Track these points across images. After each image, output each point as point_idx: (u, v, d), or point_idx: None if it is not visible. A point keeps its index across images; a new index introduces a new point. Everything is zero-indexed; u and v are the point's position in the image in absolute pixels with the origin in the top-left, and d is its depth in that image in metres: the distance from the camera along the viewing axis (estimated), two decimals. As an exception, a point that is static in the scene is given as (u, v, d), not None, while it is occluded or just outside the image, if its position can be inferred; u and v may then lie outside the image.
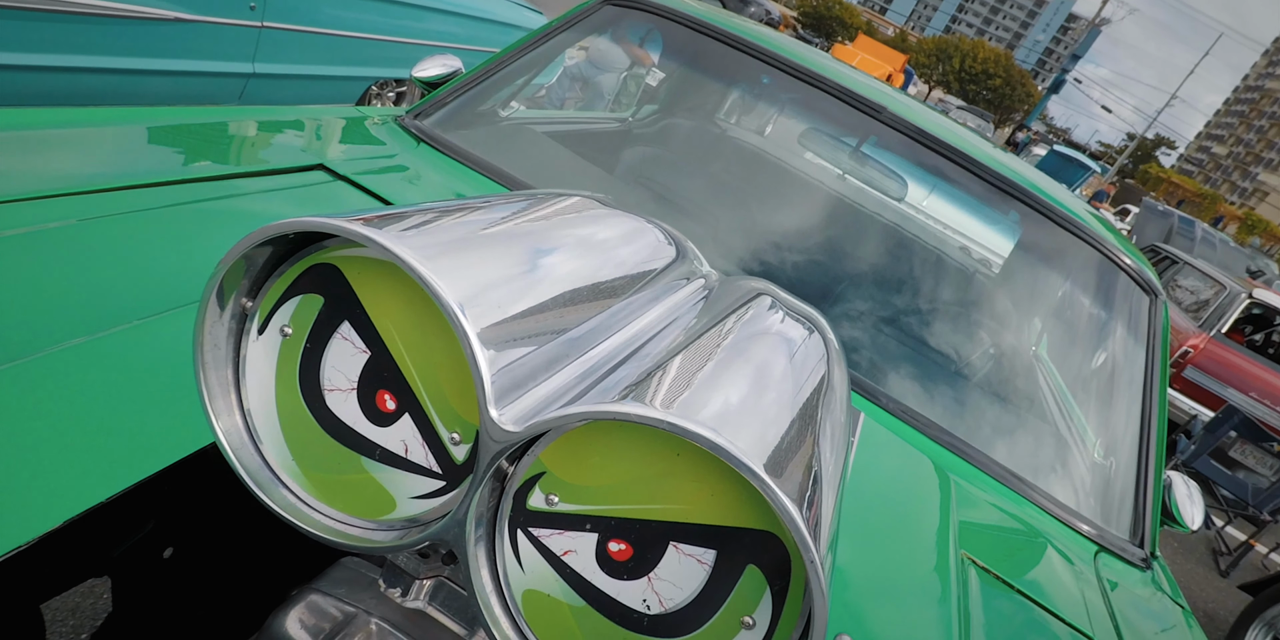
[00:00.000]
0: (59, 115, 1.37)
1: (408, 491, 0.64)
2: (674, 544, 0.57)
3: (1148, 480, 1.69)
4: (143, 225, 1.16)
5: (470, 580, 0.61)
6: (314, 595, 0.76)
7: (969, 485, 1.49)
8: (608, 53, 3.20)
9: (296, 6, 3.55)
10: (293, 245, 0.62)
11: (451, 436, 0.62)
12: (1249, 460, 5.55)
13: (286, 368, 0.64)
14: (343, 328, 0.62)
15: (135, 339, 0.92)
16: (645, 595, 0.58)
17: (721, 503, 0.56)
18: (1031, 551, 1.46)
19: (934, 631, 1.07)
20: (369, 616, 0.75)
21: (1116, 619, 1.36)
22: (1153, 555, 1.64)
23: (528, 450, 0.59)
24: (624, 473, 0.57)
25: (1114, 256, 1.93)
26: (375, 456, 0.64)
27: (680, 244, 0.89)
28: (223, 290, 0.61)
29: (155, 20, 3.04)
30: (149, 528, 0.99)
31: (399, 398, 0.62)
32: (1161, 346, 1.89)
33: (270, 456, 0.66)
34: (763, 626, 0.57)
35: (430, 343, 0.60)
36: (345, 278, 0.61)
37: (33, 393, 0.79)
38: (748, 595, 0.56)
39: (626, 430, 0.57)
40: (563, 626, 0.61)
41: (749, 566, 0.56)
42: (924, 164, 2.07)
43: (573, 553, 0.59)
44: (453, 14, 4.47)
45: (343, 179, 1.53)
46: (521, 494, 0.60)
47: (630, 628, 0.59)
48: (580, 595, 0.60)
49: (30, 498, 0.69)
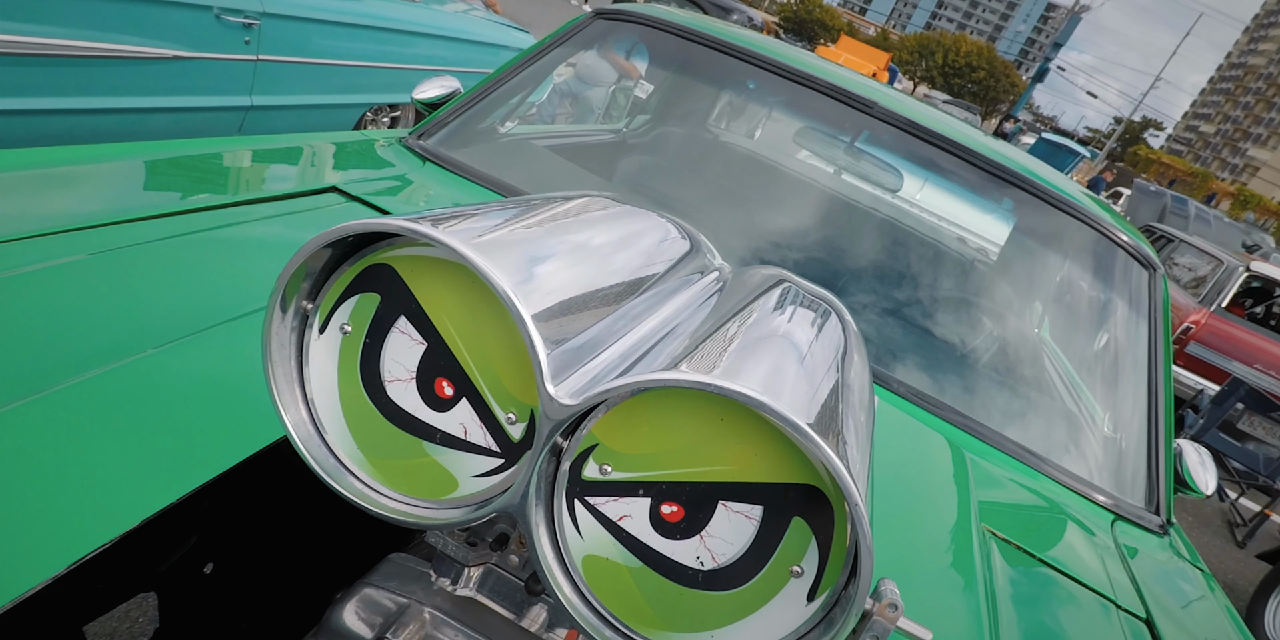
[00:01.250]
0: (68, 153, 1.40)
1: (469, 471, 0.68)
2: (723, 503, 0.61)
3: (1158, 449, 1.71)
4: (166, 253, 1.19)
5: (532, 549, 0.64)
6: (367, 589, 0.79)
7: (984, 462, 1.51)
8: (595, 68, 3.22)
9: (290, 39, 3.59)
10: (349, 249, 0.66)
11: (508, 416, 0.66)
12: (1258, 431, 5.55)
13: (348, 363, 0.68)
14: (400, 322, 0.66)
15: (172, 360, 0.95)
16: (699, 552, 0.62)
17: (765, 461, 0.59)
18: (1050, 523, 1.48)
19: (962, 602, 1.09)
20: (421, 606, 0.78)
21: (1138, 583, 1.37)
22: (1169, 522, 1.66)
23: (580, 424, 0.62)
24: (672, 440, 0.61)
25: (1111, 234, 1.96)
26: (436, 440, 0.68)
27: (693, 237, 0.92)
28: (285, 295, 0.66)
29: (154, 59, 3.09)
30: (192, 542, 1.01)
31: (456, 384, 0.66)
32: (1163, 319, 1.91)
33: (336, 447, 0.70)
34: (810, 574, 0.60)
35: (483, 331, 0.64)
36: (400, 276, 0.65)
37: (74, 417, 0.81)
38: (795, 545, 0.60)
39: (673, 399, 0.60)
40: (622, 587, 0.64)
41: (795, 518, 0.60)
42: (918, 155, 2.10)
43: (628, 517, 0.63)
44: (442, 38, 4.51)
45: (355, 200, 1.56)
46: (576, 466, 0.63)
47: (686, 584, 0.62)
48: (637, 557, 0.63)
49: (79, 516, 0.71)
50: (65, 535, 0.69)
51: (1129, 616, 1.27)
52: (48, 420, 0.80)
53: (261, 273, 1.24)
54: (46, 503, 0.71)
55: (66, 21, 2.77)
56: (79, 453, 0.78)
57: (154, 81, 3.16)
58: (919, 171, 2.35)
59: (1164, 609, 1.35)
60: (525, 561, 0.81)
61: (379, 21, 4.04)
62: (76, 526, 0.70)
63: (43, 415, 0.80)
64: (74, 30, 2.80)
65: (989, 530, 1.29)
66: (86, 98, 2.97)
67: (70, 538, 0.69)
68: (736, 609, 0.62)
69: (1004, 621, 1.09)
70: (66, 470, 0.75)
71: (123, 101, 3.09)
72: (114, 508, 0.73)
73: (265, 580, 1.17)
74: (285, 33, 3.56)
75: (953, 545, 1.22)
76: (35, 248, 1.06)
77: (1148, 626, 1.28)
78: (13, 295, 0.97)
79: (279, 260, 1.29)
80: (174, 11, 3.09)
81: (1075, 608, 1.24)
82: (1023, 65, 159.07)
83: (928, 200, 3.00)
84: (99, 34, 2.88)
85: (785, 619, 0.61)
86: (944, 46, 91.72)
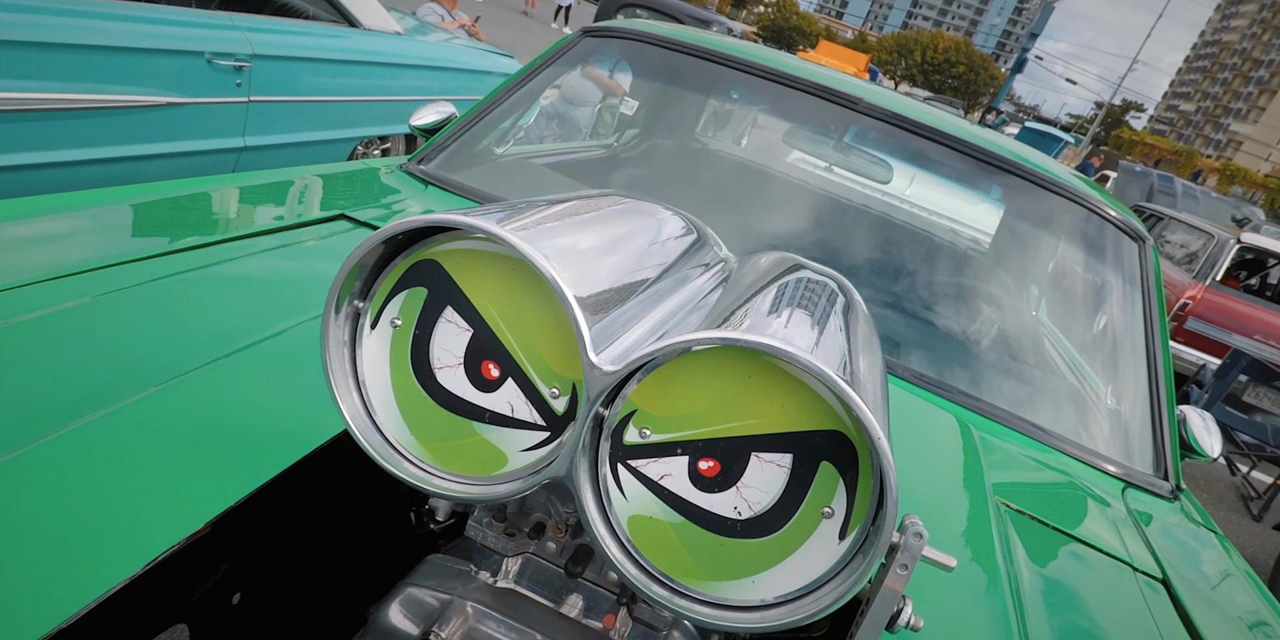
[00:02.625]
0: (77, 198, 1.41)
1: (517, 446, 0.72)
2: (755, 454, 0.65)
3: (1162, 416, 1.74)
4: (186, 286, 1.21)
5: (581, 513, 0.68)
6: (410, 589, 0.83)
7: (994, 439, 1.53)
8: (580, 88, 3.25)
9: (280, 79, 3.62)
10: (396, 248, 0.71)
11: (551, 391, 0.70)
12: (1264, 403, 5.52)
13: (399, 354, 0.73)
14: (446, 312, 0.71)
15: (201, 385, 0.97)
16: (735, 503, 0.66)
17: (791, 412, 0.63)
18: (1062, 493, 1.50)
19: (983, 570, 1.11)
20: (464, 601, 0.81)
21: (1152, 546, 1.40)
22: (1179, 488, 1.68)
23: (619, 393, 0.66)
24: (704, 399, 0.65)
25: (1100, 210, 1.99)
26: (485, 419, 0.72)
27: (700, 227, 0.96)
28: (339, 295, 0.70)
29: (149, 107, 3.12)
30: (222, 570, 1.02)
31: (501, 365, 0.70)
32: (1157, 290, 1.94)
33: (391, 434, 0.74)
34: (841, 513, 0.64)
35: (525, 315, 0.69)
36: (445, 269, 0.70)
37: (102, 449, 0.83)
38: (824, 488, 0.64)
39: (703, 362, 0.65)
40: (666, 543, 0.68)
41: (822, 463, 0.64)
42: (907, 147, 2.14)
43: (668, 476, 0.67)
44: (428, 68, 4.54)
45: (364, 225, 1.59)
46: (618, 432, 0.68)
47: (726, 534, 0.66)
48: (679, 512, 0.67)
49: (109, 547, 0.73)
50: (98, 566, 0.70)
51: (1146, 578, 1.29)
52: (74, 455, 0.81)
53: (283, 298, 1.26)
54: (76, 536, 0.72)
55: (62, 75, 2.79)
56: (109, 484, 0.79)
57: (149, 129, 3.18)
58: (909, 163, 2.38)
59: (1179, 569, 1.37)
60: (562, 547, 0.85)
61: (365, 56, 4.07)
62: (108, 557, 0.71)
63: (69, 449, 0.82)
64: (69, 84, 2.82)
65: (1003, 503, 1.32)
66: (84, 149, 2.99)
67: (103, 568, 0.70)
68: (774, 553, 0.66)
69: (1025, 588, 1.11)
70: (93, 504, 0.77)
71: (119, 150, 3.11)
72: (142, 537, 0.74)
73: (292, 608, 1.18)
74: (275, 73, 3.59)
75: (970, 518, 1.24)
76: (58, 288, 1.09)
77: (1165, 586, 1.30)
78: (41, 333, 1.00)
79: (300, 286, 1.32)
80: (167, 59, 3.12)
81: (1093, 572, 1.26)
82: (1001, 57, 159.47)
83: (920, 190, 3.04)
84: (94, 86, 2.91)
85: (820, 558, 0.65)
86: (922, 44, 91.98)
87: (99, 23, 2.89)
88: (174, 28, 3.15)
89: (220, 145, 3.50)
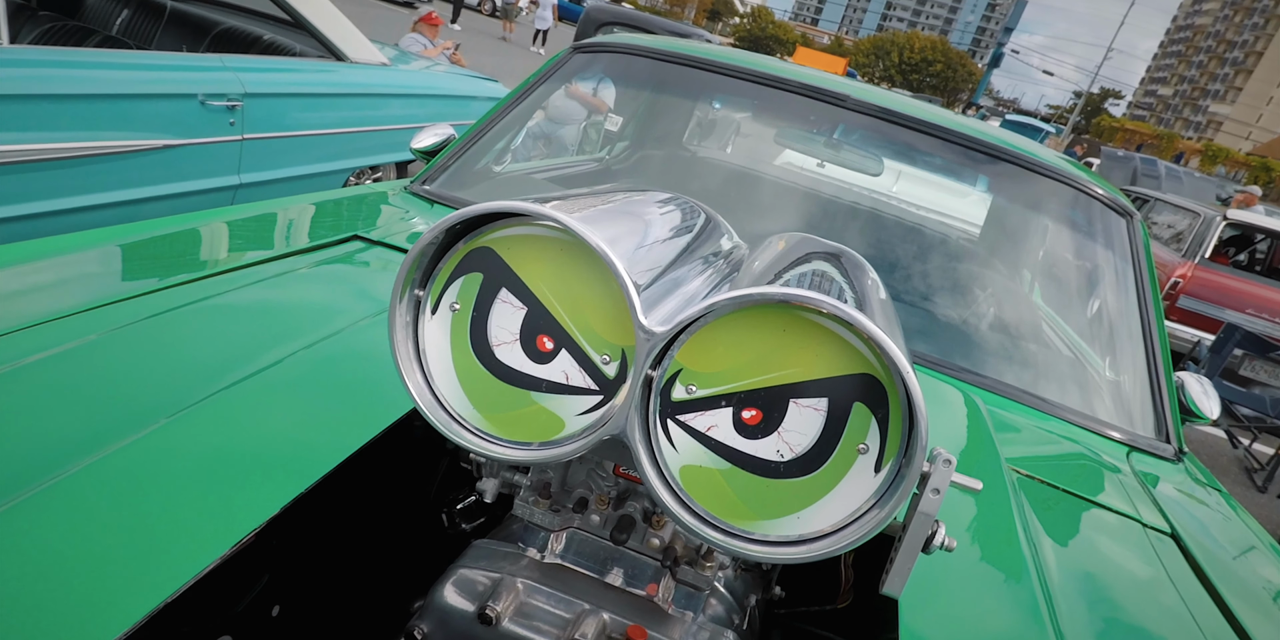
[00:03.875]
0: (84, 238, 1.43)
1: (573, 410, 0.77)
2: (793, 400, 0.70)
3: (1160, 383, 1.79)
4: (211, 311, 1.24)
5: (638, 467, 0.73)
6: (462, 571, 0.88)
7: (1001, 412, 1.58)
8: (565, 108, 3.30)
9: (272, 115, 3.67)
10: (451, 240, 0.76)
11: (602, 358, 0.76)
12: (1260, 375, 5.55)
13: (459, 335, 0.79)
14: (501, 294, 0.77)
15: (230, 405, 1.00)
16: (778, 446, 0.71)
17: (824, 360, 0.69)
18: (1070, 459, 1.55)
19: (1003, 533, 1.16)
20: (514, 578, 0.87)
21: (1159, 504, 1.45)
22: (1181, 451, 1.73)
23: (665, 355, 0.71)
24: (744, 354, 0.71)
25: (1086, 189, 2.05)
26: (542, 388, 0.77)
27: (713, 214, 1.03)
28: (402, 286, 0.76)
29: (145, 151, 3.16)
30: (264, 581, 1.05)
31: (555, 338, 0.76)
32: (1147, 262, 2.00)
33: (454, 409, 0.79)
34: (875, 449, 0.70)
35: (574, 290, 0.75)
36: (499, 254, 0.76)
37: (142, 471, 0.86)
38: (859, 427, 0.70)
39: (740, 321, 0.70)
40: (716, 489, 0.73)
41: (855, 404, 0.69)
42: (896, 139, 2.19)
43: (714, 427, 0.72)
44: (416, 96, 4.58)
45: (378, 244, 1.62)
46: (666, 391, 0.73)
47: (771, 475, 0.72)
48: (726, 459, 0.73)
49: (156, 562, 0.75)
50: (146, 581, 0.73)
51: (1155, 532, 1.34)
52: (115, 477, 0.84)
53: (309, 314, 1.29)
54: (120, 555, 0.75)
55: (59, 125, 2.84)
56: (149, 504, 0.82)
57: (146, 172, 3.22)
58: (900, 154, 2.43)
59: (1187, 524, 1.41)
60: (605, 519, 0.91)
61: (354, 88, 4.12)
62: (155, 573, 0.74)
63: (107, 473, 0.84)
64: (67, 133, 2.86)
65: (1015, 470, 1.37)
66: (83, 196, 3.02)
67: (151, 583, 0.73)
68: (816, 490, 0.71)
69: (1042, 546, 1.16)
70: (134, 524, 0.79)
71: (119, 195, 3.14)
72: (184, 552, 0.77)
73: (329, 617, 1.21)
74: (267, 110, 3.63)
75: (986, 484, 1.29)
76: (81, 322, 1.11)
77: (1174, 540, 1.34)
78: (74, 362, 1.03)
79: (324, 303, 1.36)
80: (161, 103, 3.16)
81: (1105, 529, 1.31)
82: (977, 53, 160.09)
83: (912, 180, 3.10)
84: (91, 133, 2.94)
85: (859, 491, 0.70)
86: (898, 45, 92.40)
87: (93, 72, 2.94)
88: (166, 72, 3.20)
89: (217, 184, 3.54)
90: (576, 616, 0.85)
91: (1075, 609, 1.05)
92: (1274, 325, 6.65)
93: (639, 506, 0.92)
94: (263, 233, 1.67)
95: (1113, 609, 1.11)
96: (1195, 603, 1.18)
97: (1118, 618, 1.10)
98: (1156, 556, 1.28)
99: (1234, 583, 1.28)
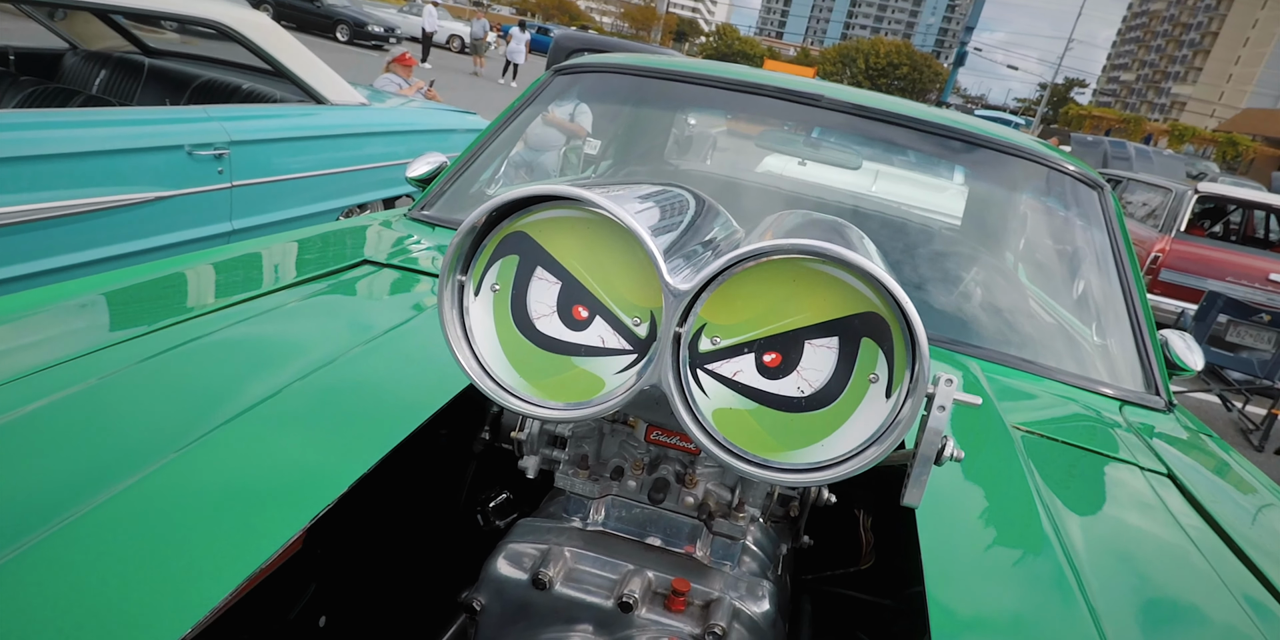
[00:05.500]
0: (94, 281, 1.46)
1: (611, 371, 0.84)
2: (808, 342, 0.78)
3: (1145, 341, 1.87)
4: (236, 338, 1.26)
5: (676, 413, 0.79)
6: (511, 545, 0.95)
7: (998, 378, 1.64)
8: (544, 136, 3.35)
9: (258, 162, 3.69)
10: (486, 229, 0.84)
11: (634, 321, 0.83)
12: (1246, 339, 5.60)
13: (501, 312, 0.86)
14: (537, 272, 0.84)
15: (264, 418, 1.03)
16: (798, 384, 0.78)
17: (832, 303, 0.76)
18: (1068, 415, 1.61)
19: (1013, 483, 1.21)
20: (561, 547, 0.94)
21: (1154, 449, 1.51)
22: (1171, 403, 1.79)
23: (690, 312, 0.78)
24: (760, 305, 0.78)
25: (1058, 166, 2.13)
26: (581, 353, 0.84)
27: (708, 199, 1.10)
28: (447, 273, 0.83)
29: (136, 204, 3.17)
30: (312, 590, 1.08)
31: (589, 307, 0.83)
32: (1121, 230, 2.07)
33: (502, 379, 0.86)
34: (884, 377, 0.77)
35: (603, 263, 0.82)
36: (532, 237, 0.83)
37: (163, 497, 0.87)
38: (868, 359, 0.77)
39: (755, 275, 0.77)
40: (746, 427, 0.80)
41: (863, 339, 0.77)
42: (872, 134, 2.25)
43: (740, 372, 0.80)
44: (397, 133, 4.62)
45: (388, 266, 1.66)
46: (694, 344, 0.80)
47: (794, 410, 0.79)
48: (753, 400, 0.80)
49: (205, 572, 0.77)
50: (200, 588, 0.75)
51: (1153, 474, 1.40)
52: (151, 498, 0.86)
53: (331, 333, 1.31)
54: (152, 578, 0.76)
55: (50, 184, 2.86)
56: (172, 531, 0.83)
57: (140, 225, 3.23)
58: (877, 146, 2.50)
59: (1183, 465, 1.48)
60: (642, 484, 0.98)
61: (337, 129, 4.15)
62: (205, 581, 0.76)
63: (144, 496, 0.86)
64: (59, 191, 2.88)
65: (1017, 427, 1.43)
66: (78, 253, 3.02)
67: (204, 589, 0.75)
68: (836, 419, 0.78)
69: (1050, 492, 1.22)
70: (181, 533, 0.81)
71: (113, 249, 3.15)
72: (235, 559, 0.79)
73: (376, 624, 1.24)
74: (254, 157, 3.65)
75: (992, 440, 1.34)
76: (103, 359, 1.13)
77: (1171, 479, 1.40)
78: (107, 393, 1.05)
79: (350, 319, 1.40)
80: (149, 156, 3.19)
81: (1106, 474, 1.37)
82: (941, 54, 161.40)
83: (892, 173, 3.17)
84: (83, 191, 2.96)
85: (874, 415, 0.77)
86: (863, 52, 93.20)
87: (80, 131, 2.97)
88: (152, 126, 3.24)
89: (209, 232, 3.55)
90: (623, 576, 0.92)
91: (1085, 547, 1.10)
92: (1254, 290, 6.71)
93: (671, 469, 0.98)
94: (270, 265, 1.69)
95: (1119, 544, 1.17)
96: (1197, 535, 1.23)
97: (1126, 551, 1.15)
98: (1156, 495, 1.33)
99: (1232, 516, 1.33)
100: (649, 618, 0.90)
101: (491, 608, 0.94)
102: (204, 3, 3.64)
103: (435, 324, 1.34)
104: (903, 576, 1.20)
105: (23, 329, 1.23)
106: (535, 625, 0.93)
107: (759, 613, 0.92)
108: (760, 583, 0.96)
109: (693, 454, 0.98)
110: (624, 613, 0.89)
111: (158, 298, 1.44)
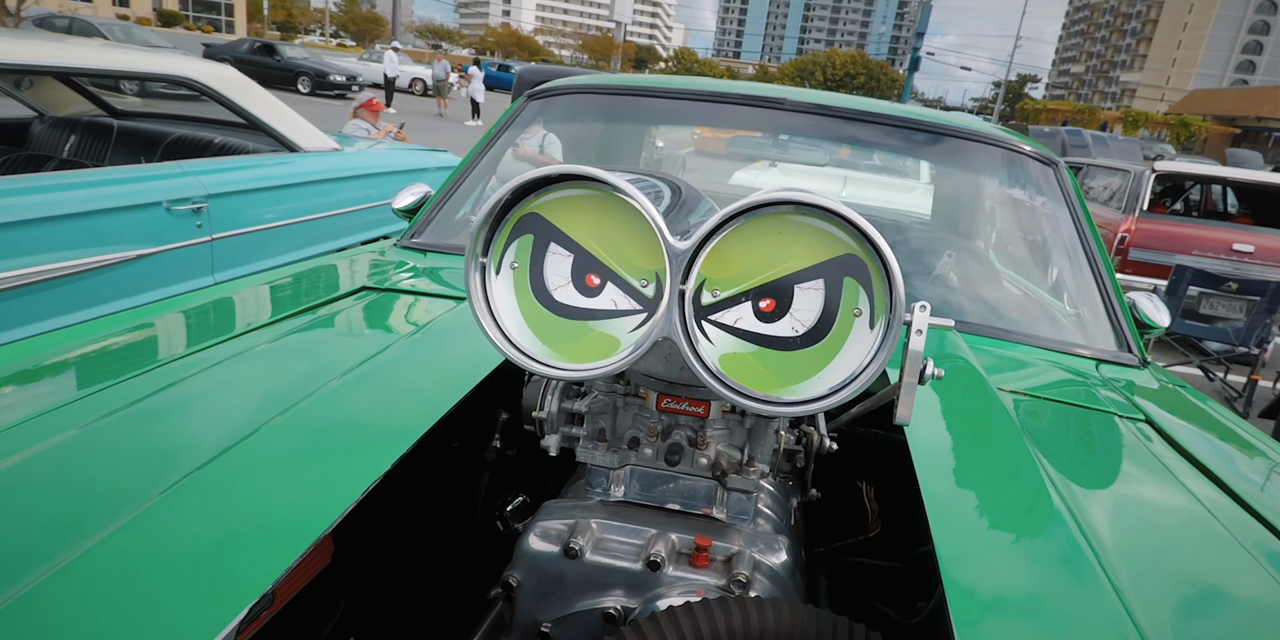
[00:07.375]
0: (107, 323, 1.45)
1: (624, 329, 0.90)
2: (797, 286, 0.85)
3: (1113, 304, 1.95)
4: (248, 366, 1.27)
5: (687, 363, 0.85)
6: (540, 523, 1.02)
7: (980, 346, 1.71)
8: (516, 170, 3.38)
9: (236, 213, 3.68)
10: (501, 213, 0.90)
11: (641, 283, 0.89)
12: (1219, 310, 5.66)
13: (521, 286, 0.92)
14: (551, 248, 0.91)
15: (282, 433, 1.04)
16: (792, 324, 0.86)
17: (814, 250, 0.84)
18: (1049, 376, 1.68)
19: (1003, 437, 1.26)
20: (587, 520, 1.01)
21: (1132, 399, 1.59)
22: (1145, 361, 1.86)
23: (691, 270, 0.85)
24: (751, 258, 0.85)
25: (1014, 147, 2.22)
26: (597, 317, 0.91)
27: (688, 185, 1.15)
28: (470, 254, 0.90)
29: (119, 263, 3.17)
30: (341, 608, 1.08)
31: (600, 275, 0.90)
32: (1079, 201, 2.15)
33: (525, 348, 0.92)
34: (866, 311, 0.84)
35: (611, 234, 0.89)
36: (544, 217, 0.90)
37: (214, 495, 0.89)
38: (851, 296, 0.84)
39: (744, 232, 0.84)
40: (750, 369, 0.86)
41: (845, 278, 0.84)
42: (836, 131, 2.32)
43: (740, 319, 0.87)
44: (371, 176, 4.62)
45: (388, 291, 1.68)
46: (696, 299, 0.87)
47: (791, 348, 0.86)
48: (754, 343, 0.87)
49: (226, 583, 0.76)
50: (226, 598, 0.74)
51: (1131, 421, 1.47)
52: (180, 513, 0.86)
53: (342, 355, 1.32)
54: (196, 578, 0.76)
55: (30, 249, 2.84)
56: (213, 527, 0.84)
57: (123, 284, 3.21)
58: (841, 140, 2.57)
59: (1159, 412, 1.55)
60: (657, 450, 1.05)
61: (312, 176, 4.15)
62: (232, 591, 0.75)
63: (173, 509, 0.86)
64: (39, 256, 2.87)
65: (1001, 388, 1.49)
66: (64, 316, 2.99)
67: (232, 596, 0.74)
68: (829, 352, 0.86)
69: (1039, 444, 1.27)
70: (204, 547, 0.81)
71: (97, 310, 3.11)
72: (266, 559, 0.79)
73: (404, 630, 1.25)
74: (231, 209, 3.64)
75: (979, 399, 1.39)
76: (90, 403, 1.11)
77: (1149, 425, 1.47)
78: (123, 428, 1.04)
79: (361, 339, 1.41)
80: (127, 215, 3.18)
81: (1088, 424, 1.44)
82: (896, 61, 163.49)
83: (860, 174, 3.24)
84: (63, 254, 2.95)
85: (861, 345, 0.85)
86: (819, 64, 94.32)
87: (56, 195, 2.96)
88: (128, 185, 3.23)
89: (192, 286, 3.52)
90: (648, 540, 0.99)
91: (1082, 492, 1.14)
92: (1220, 261, 6.80)
93: (684, 434, 1.04)
94: (269, 299, 1.70)
95: (1112, 487, 1.23)
96: (1180, 473, 1.28)
97: (1118, 492, 1.21)
98: (1137, 438, 1.40)
99: (1210, 454, 1.38)
100: (676, 575, 0.97)
101: (527, 583, 1.00)
102: (172, 60, 3.66)
103: (437, 340, 1.37)
104: (910, 539, 1.26)
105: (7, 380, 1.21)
106: (570, 595, 0.99)
107: (778, 563, 0.99)
108: (776, 537, 1.03)
109: (702, 418, 1.04)
110: (652, 572, 0.96)
111: (147, 340, 1.43)
